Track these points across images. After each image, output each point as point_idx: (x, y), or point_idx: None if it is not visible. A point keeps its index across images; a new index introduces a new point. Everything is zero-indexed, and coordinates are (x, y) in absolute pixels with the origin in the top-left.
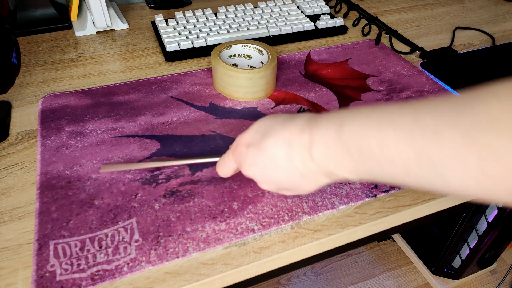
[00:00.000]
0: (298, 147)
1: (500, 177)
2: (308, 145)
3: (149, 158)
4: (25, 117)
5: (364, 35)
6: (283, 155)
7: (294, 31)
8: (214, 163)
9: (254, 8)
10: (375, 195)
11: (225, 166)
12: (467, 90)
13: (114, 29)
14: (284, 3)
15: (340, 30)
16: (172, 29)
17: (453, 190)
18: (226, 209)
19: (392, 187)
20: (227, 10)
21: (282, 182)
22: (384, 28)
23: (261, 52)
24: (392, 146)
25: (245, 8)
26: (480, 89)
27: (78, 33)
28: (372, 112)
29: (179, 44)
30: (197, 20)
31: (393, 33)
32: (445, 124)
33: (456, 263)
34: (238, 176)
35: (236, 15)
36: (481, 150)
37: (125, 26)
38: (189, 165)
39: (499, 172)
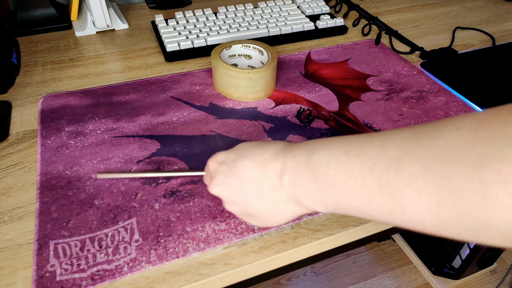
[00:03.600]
0: (270, 172)
1: (456, 210)
2: (280, 171)
3: (149, 158)
4: (25, 117)
5: (364, 35)
6: (254, 178)
7: (294, 31)
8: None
9: (254, 8)
10: None
11: (205, 178)
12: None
13: (114, 29)
14: (284, 3)
15: (340, 30)
16: (172, 29)
17: (413, 223)
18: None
19: None
20: (227, 10)
21: (248, 206)
22: (384, 28)
23: (261, 52)
24: (356, 174)
25: (245, 8)
26: (444, 119)
27: (78, 33)
28: (342, 140)
29: (179, 44)
30: (197, 20)
31: (393, 33)
32: (408, 154)
33: (456, 263)
34: None
35: (236, 15)
36: (438, 181)
37: (125, 26)
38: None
39: (454, 205)
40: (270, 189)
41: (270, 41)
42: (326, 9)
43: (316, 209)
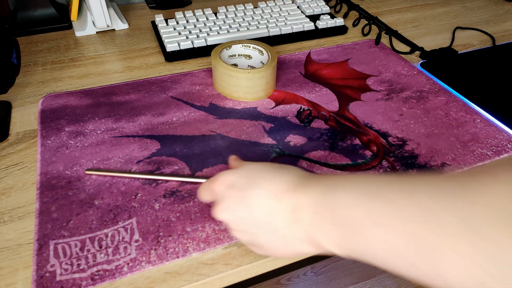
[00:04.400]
0: (284, 206)
1: (502, 276)
2: (295, 207)
3: (149, 158)
4: (25, 117)
5: (364, 35)
6: (266, 210)
7: (294, 31)
8: (199, 182)
9: (254, 8)
10: None
11: (204, 194)
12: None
13: (114, 29)
14: (284, 3)
15: (340, 30)
16: (172, 29)
17: (447, 285)
18: None
19: None
20: (227, 10)
21: (258, 237)
22: (384, 28)
23: (261, 52)
24: (383, 222)
25: (245, 8)
26: (481, 168)
27: (78, 33)
28: (367, 182)
29: (179, 44)
30: (197, 20)
31: (393, 33)
32: (442, 206)
33: None
34: None
35: (236, 15)
36: (481, 242)
37: (125, 26)
38: (183, 176)
39: (500, 271)
40: (284, 225)
41: (270, 41)
42: (326, 9)
43: (332, 250)
